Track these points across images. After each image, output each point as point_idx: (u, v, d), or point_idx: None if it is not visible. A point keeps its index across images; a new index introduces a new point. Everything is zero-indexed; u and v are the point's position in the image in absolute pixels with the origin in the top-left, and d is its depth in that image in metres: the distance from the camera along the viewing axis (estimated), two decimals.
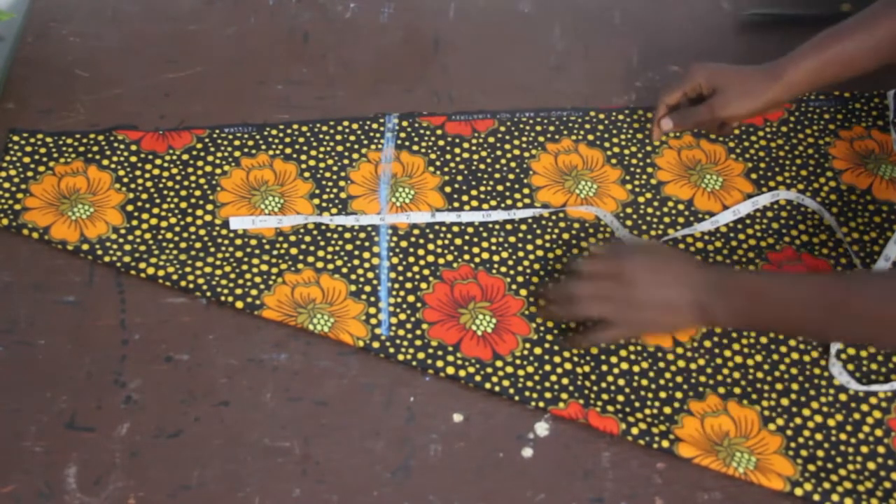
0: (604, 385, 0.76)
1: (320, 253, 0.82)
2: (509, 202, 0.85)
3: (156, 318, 0.78)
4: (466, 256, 0.82)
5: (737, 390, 0.76)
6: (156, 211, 0.84)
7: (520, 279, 0.81)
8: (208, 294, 0.79)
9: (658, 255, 0.77)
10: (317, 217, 0.84)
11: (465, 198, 0.86)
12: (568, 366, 0.76)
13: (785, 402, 0.75)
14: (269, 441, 0.73)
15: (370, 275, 0.81)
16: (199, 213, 0.84)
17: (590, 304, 0.75)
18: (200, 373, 0.76)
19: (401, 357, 0.76)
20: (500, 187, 0.86)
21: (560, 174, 0.88)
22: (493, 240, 0.83)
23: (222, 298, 0.78)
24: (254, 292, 0.79)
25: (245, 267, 0.81)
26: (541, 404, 0.74)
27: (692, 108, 0.85)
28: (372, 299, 0.79)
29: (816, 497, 0.70)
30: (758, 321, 0.73)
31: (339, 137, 0.89)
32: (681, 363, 0.77)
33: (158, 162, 0.87)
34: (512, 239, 0.83)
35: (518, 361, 0.77)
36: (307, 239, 0.83)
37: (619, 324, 0.74)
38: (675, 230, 0.84)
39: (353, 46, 0.97)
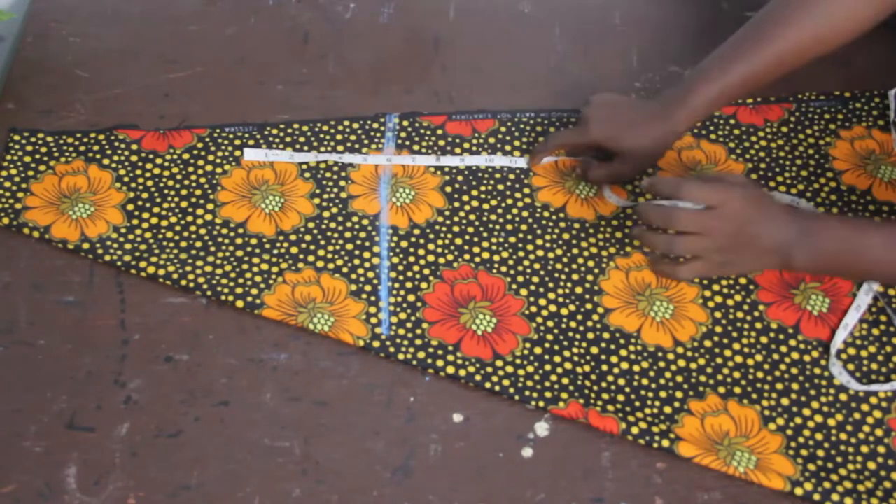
0: (604, 385, 0.76)
1: (321, 252, 0.82)
2: (509, 202, 0.85)
3: (156, 318, 0.78)
4: (467, 256, 0.82)
5: (737, 390, 0.76)
6: (156, 210, 0.84)
7: (520, 279, 0.81)
8: (209, 293, 0.79)
9: (755, 193, 0.74)
10: (327, 155, 0.86)
11: (465, 198, 0.86)
12: (568, 365, 0.76)
13: (785, 401, 0.75)
14: (269, 441, 0.73)
15: (370, 274, 0.81)
16: (200, 212, 0.84)
17: (690, 240, 0.73)
18: (200, 373, 0.76)
19: (401, 356, 0.76)
20: (500, 186, 0.86)
21: (560, 174, 0.88)
22: (494, 239, 0.83)
23: (223, 298, 0.78)
24: (254, 291, 0.79)
25: (245, 266, 0.81)
26: (541, 404, 0.74)
27: (595, 166, 0.84)
28: (372, 299, 0.79)
29: (817, 497, 0.70)
30: (840, 266, 0.74)
31: (339, 137, 0.89)
32: (681, 363, 0.77)
33: (159, 161, 0.87)
34: (512, 239, 0.83)
35: (518, 361, 0.77)
36: (307, 238, 0.83)
37: (709, 260, 0.74)
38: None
39: (353, 46, 0.97)
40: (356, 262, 0.82)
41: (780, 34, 0.77)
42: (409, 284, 0.80)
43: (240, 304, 0.78)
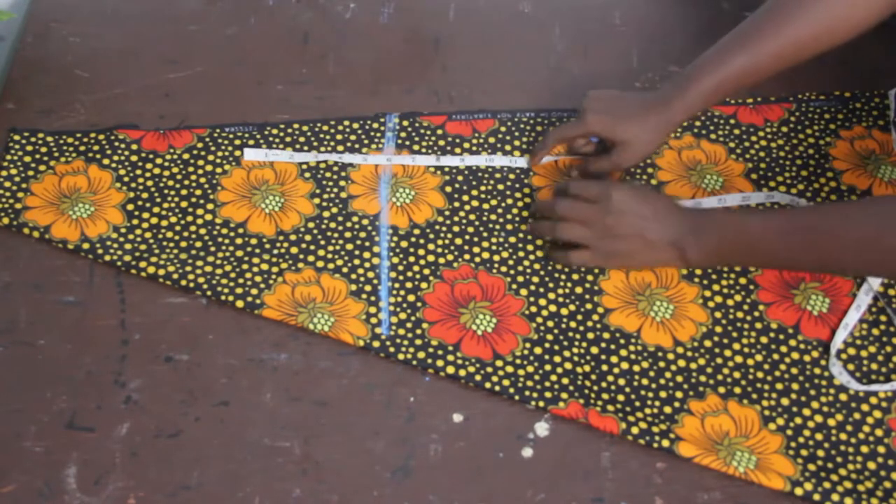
0: (604, 385, 0.76)
1: (321, 252, 0.82)
2: (510, 202, 0.85)
3: (156, 318, 0.78)
4: (467, 256, 0.82)
5: (737, 390, 0.76)
6: (156, 210, 0.84)
7: (520, 279, 0.81)
8: (209, 293, 0.79)
9: (643, 191, 0.79)
10: (326, 155, 0.86)
11: (465, 198, 0.86)
12: (568, 365, 0.76)
13: (785, 401, 0.75)
14: (269, 441, 0.73)
15: (370, 274, 0.81)
16: (200, 212, 0.84)
17: (570, 227, 0.78)
18: (200, 373, 0.76)
19: (401, 356, 0.76)
20: (500, 186, 0.86)
21: (560, 174, 0.88)
22: (494, 239, 0.83)
23: (223, 297, 0.78)
24: (254, 291, 0.79)
25: (245, 266, 0.81)
26: (541, 404, 0.74)
27: (594, 158, 0.85)
28: (372, 299, 0.79)
29: (817, 497, 0.70)
30: (732, 255, 0.75)
31: (339, 137, 0.89)
32: (681, 363, 0.77)
33: (159, 161, 0.87)
34: (512, 239, 0.83)
35: (518, 361, 0.77)
36: (307, 238, 0.83)
37: (595, 249, 0.78)
38: None
39: (353, 46, 0.97)
40: (356, 262, 0.82)
41: (780, 31, 0.77)
42: (409, 284, 0.80)
43: (240, 304, 0.78)
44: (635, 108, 0.82)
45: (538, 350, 0.77)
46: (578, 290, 0.81)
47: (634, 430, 0.73)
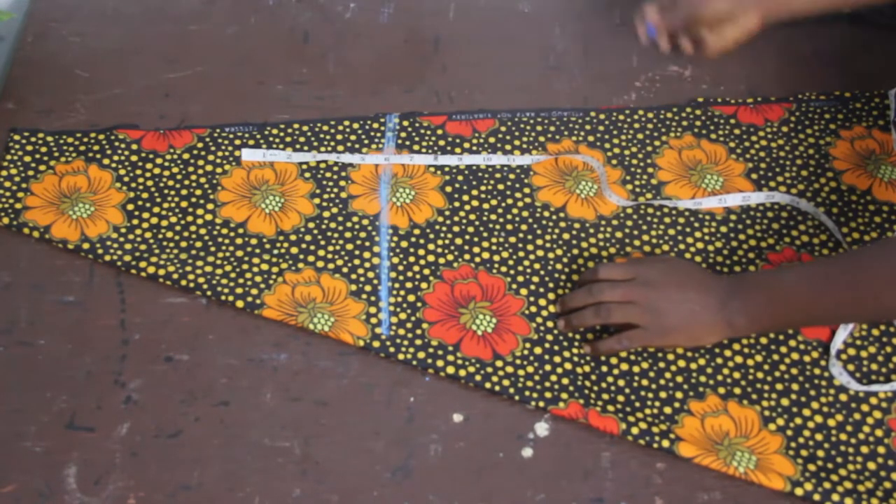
0: (604, 385, 0.76)
1: (321, 252, 0.82)
2: (510, 201, 0.85)
3: (156, 318, 0.78)
4: (467, 256, 0.82)
5: (737, 390, 0.76)
6: (156, 210, 0.84)
7: (520, 279, 0.81)
8: (209, 293, 0.79)
9: (676, 263, 0.77)
10: (325, 155, 0.86)
11: (465, 198, 0.86)
12: (568, 366, 0.76)
13: (785, 402, 0.75)
14: (269, 441, 0.73)
15: (370, 274, 0.81)
16: (200, 212, 0.84)
17: (620, 308, 0.74)
18: (200, 373, 0.76)
19: (401, 356, 0.76)
20: (500, 186, 0.86)
21: (560, 174, 0.88)
22: (494, 239, 0.83)
23: (223, 298, 0.78)
24: (254, 291, 0.79)
25: (245, 266, 0.81)
26: (541, 404, 0.74)
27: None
28: (372, 299, 0.79)
29: (817, 497, 0.70)
30: (778, 316, 0.72)
31: (339, 137, 0.89)
32: (681, 363, 0.77)
33: (159, 161, 0.87)
34: (512, 239, 0.83)
35: (518, 361, 0.77)
36: (307, 238, 0.83)
37: (648, 328, 0.74)
38: (675, 230, 0.84)
39: (353, 46, 0.97)
40: (356, 262, 0.82)
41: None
42: (409, 284, 0.80)
43: (240, 304, 0.78)
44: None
45: (538, 350, 0.77)
46: None
47: (634, 430, 0.73)
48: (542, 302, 0.80)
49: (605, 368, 0.76)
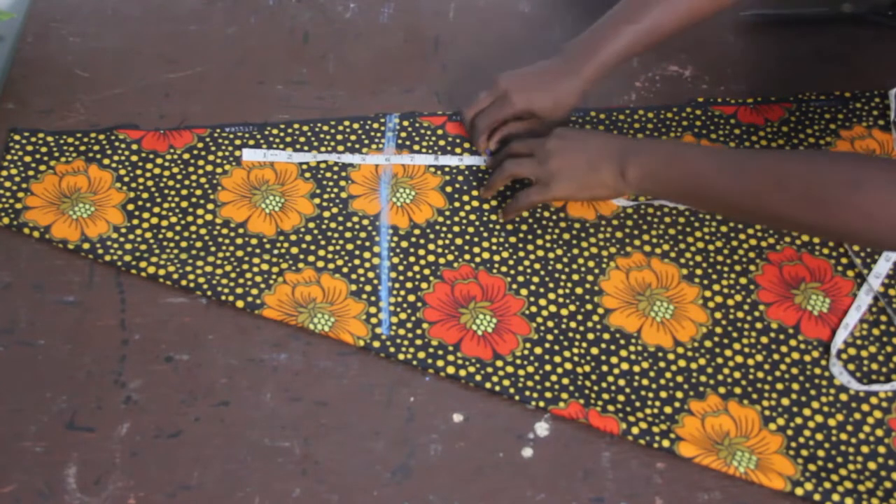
0: (604, 385, 0.76)
1: (321, 252, 0.82)
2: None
3: (156, 318, 0.78)
4: (467, 256, 0.82)
5: (737, 390, 0.76)
6: (156, 210, 0.84)
7: (520, 279, 0.81)
8: (209, 293, 0.79)
9: (587, 129, 0.84)
10: (325, 155, 0.86)
11: (465, 198, 0.86)
12: (568, 366, 0.76)
13: (785, 401, 0.75)
14: (269, 441, 0.73)
15: (371, 274, 0.81)
16: (200, 212, 0.84)
17: (517, 161, 0.81)
18: (200, 373, 0.76)
19: (401, 356, 0.76)
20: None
21: None
22: (494, 239, 0.83)
23: (223, 298, 0.78)
24: (254, 291, 0.79)
25: (246, 266, 0.81)
26: (541, 404, 0.74)
27: (517, 123, 0.87)
28: (372, 299, 0.79)
29: (817, 497, 0.70)
30: (671, 181, 0.74)
31: (339, 137, 0.89)
32: (681, 363, 0.77)
33: (159, 161, 0.87)
34: (512, 239, 0.83)
35: (518, 361, 0.77)
36: (308, 238, 0.83)
37: (541, 180, 0.79)
38: (675, 230, 0.84)
39: (353, 46, 0.97)
40: (356, 262, 0.82)
41: None
42: (409, 284, 0.80)
43: (240, 304, 0.78)
44: (548, 80, 0.84)
45: (538, 350, 0.77)
46: (579, 290, 0.81)
47: (635, 430, 0.73)
48: (543, 302, 0.80)
49: (605, 368, 0.76)
